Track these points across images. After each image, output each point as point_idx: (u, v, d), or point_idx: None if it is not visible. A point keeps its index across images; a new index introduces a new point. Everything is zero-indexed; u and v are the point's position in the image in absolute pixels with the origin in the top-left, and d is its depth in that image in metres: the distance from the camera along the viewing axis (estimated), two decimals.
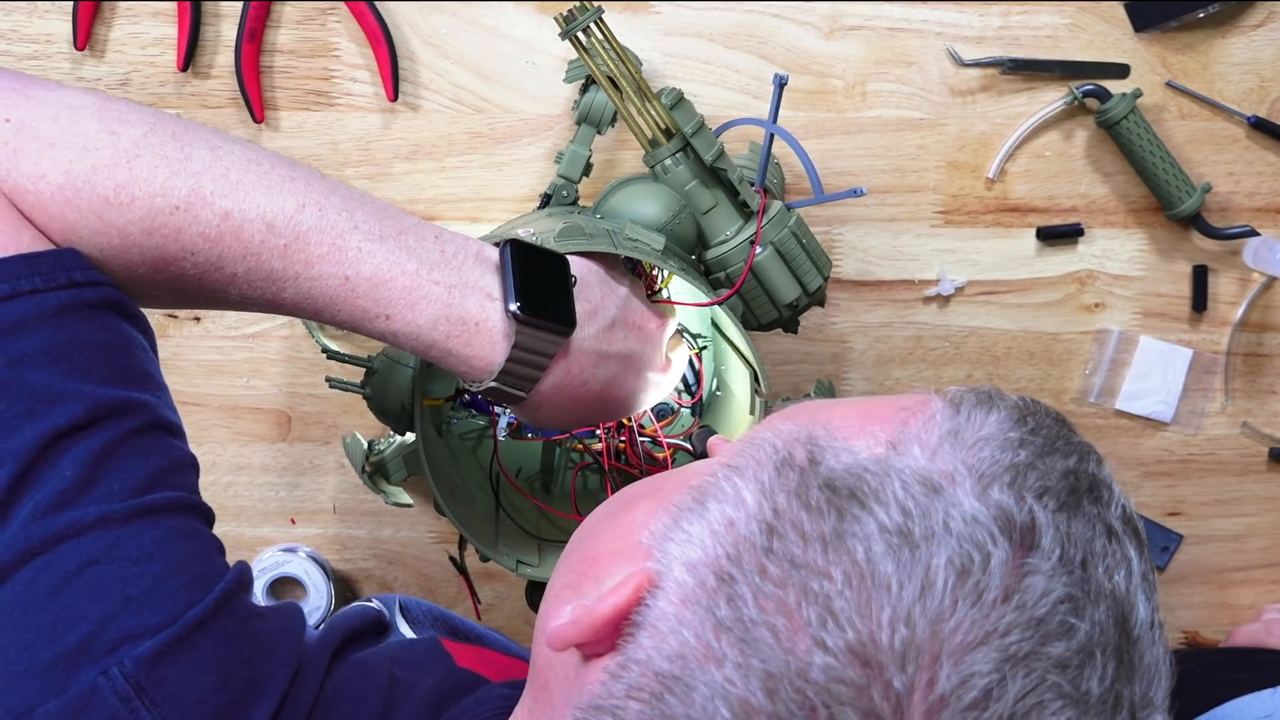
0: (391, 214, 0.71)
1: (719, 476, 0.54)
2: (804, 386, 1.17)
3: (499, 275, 0.73)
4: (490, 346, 0.73)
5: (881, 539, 0.48)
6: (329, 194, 0.69)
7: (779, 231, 0.92)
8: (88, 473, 0.58)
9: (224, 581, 0.60)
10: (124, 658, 0.56)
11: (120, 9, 1.07)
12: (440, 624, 0.92)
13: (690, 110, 0.93)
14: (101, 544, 0.57)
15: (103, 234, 0.63)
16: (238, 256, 0.66)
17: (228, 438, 1.16)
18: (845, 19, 1.12)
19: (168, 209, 0.64)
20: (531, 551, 0.96)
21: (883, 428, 0.54)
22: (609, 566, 0.56)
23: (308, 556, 1.16)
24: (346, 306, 0.70)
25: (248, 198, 0.66)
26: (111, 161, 0.63)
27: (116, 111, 0.65)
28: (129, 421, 0.61)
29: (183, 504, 0.62)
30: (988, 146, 1.15)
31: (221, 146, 0.67)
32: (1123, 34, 1.14)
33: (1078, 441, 0.55)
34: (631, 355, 0.83)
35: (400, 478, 0.97)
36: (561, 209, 1.01)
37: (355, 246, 0.69)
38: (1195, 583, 1.25)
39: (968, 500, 0.49)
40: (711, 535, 0.52)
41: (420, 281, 0.70)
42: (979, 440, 0.52)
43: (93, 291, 0.62)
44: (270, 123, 1.10)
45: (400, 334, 0.72)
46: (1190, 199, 1.13)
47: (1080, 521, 0.51)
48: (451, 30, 1.09)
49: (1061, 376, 1.20)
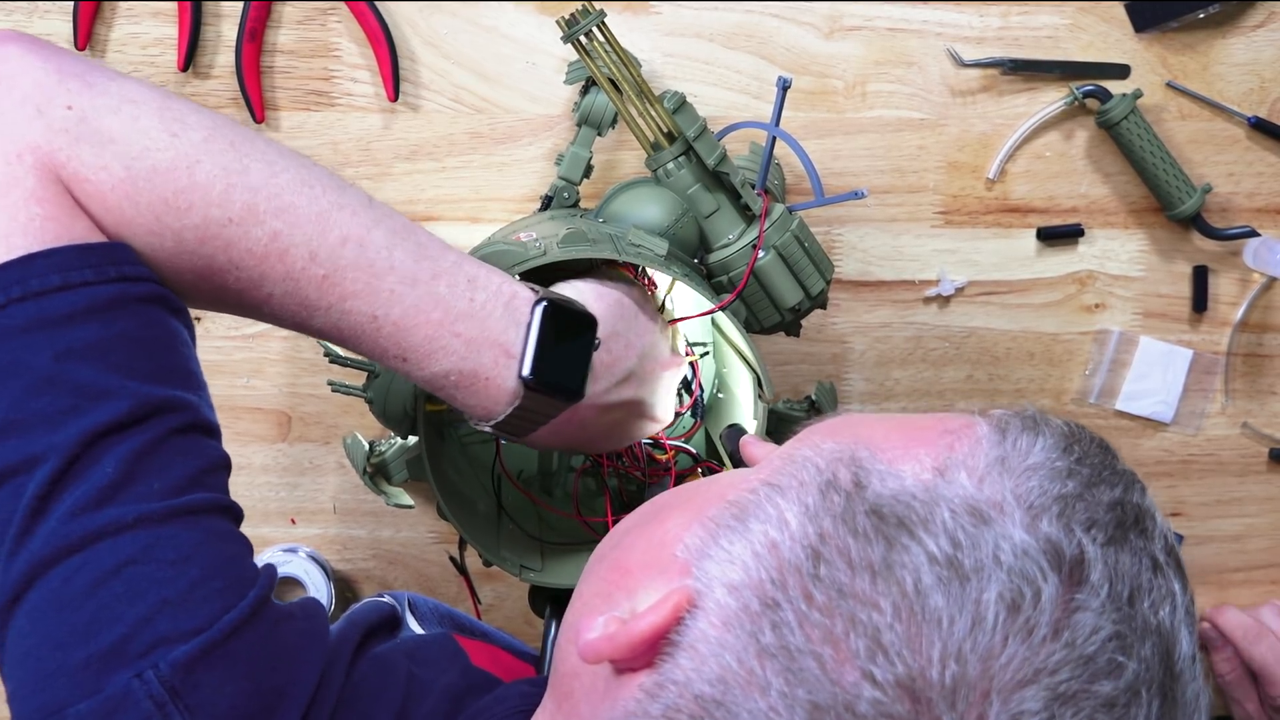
0: (430, 253, 0.71)
1: (760, 494, 0.54)
2: (804, 387, 1.17)
3: (522, 331, 0.72)
4: (495, 401, 0.73)
5: (931, 570, 0.47)
6: (374, 226, 0.68)
7: (781, 235, 0.92)
8: (128, 470, 0.58)
9: (257, 586, 0.60)
10: (159, 661, 0.56)
11: (120, 9, 1.07)
12: (447, 621, 0.92)
13: (693, 114, 0.92)
14: (139, 544, 0.57)
15: (158, 235, 0.63)
16: (278, 278, 0.66)
17: (228, 438, 1.13)
18: (845, 19, 1.12)
19: (222, 220, 0.64)
20: (534, 556, 0.96)
21: (928, 451, 0.53)
22: (642, 578, 0.56)
23: (308, 557, 1.16)
24: (369, 342, 0.70)
25: (297, 222, 0.66)
26: (172, 165, 0.63)
27: (177, 111, 0.64)
28: (171, 420, 0.60)
29: (218, 505, 0.62)
30: (988, 147, 1.15)
31: (277, 162, 0.66)
32: (1123, 34, 1.14)
33: (1123, 470, 0.54)
34: (637, 403, 0.83)
35: (401, 479, 0.97)
36: (563, 211, 1.01)
37: (388, 289, 0.68)
38: (1195, 583, 1.23)
39: (1017, 532, 0.49)
40: (754, 556, 0.51)
41: (442, 333, 0.70)
42: (1027, 469, 0.52)
43: (142, 287, 0.62)
44: (270, 123, 1.10)
45: (413, 375, 0.72)
46: (1190, 199, 1.13)
47: (1127, 554, 0.50)
48: (451, 30, 1.09)
49: (1061, 377, 1.20)
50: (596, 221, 0.95)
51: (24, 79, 0.62)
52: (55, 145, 0.61)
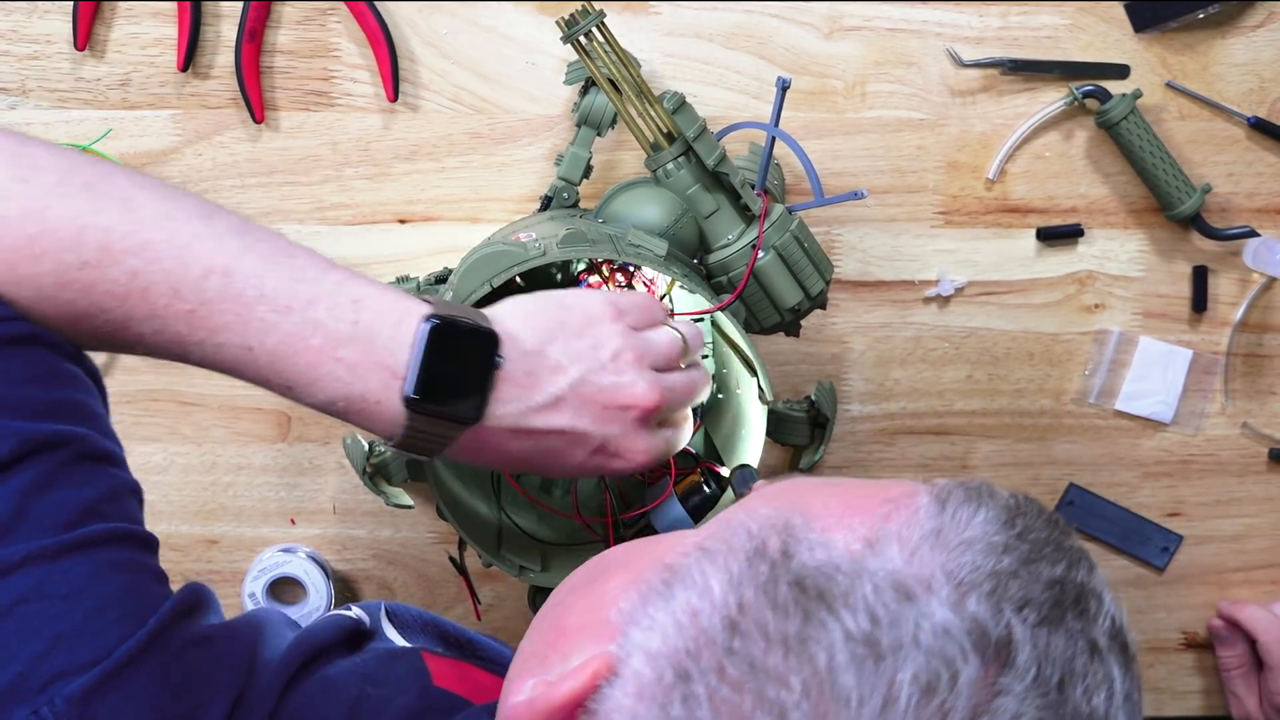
0: (308, 275, 0.68)
1: (691, 559, 0.53)
2: (804, 387, 1.17)
3: (410, 351, 0.69)
4: (387, 423, 0.71)
5: (846, 647, 0.46)
6: (243, 254, 0.66)
7: (781, 235, 0.92)
8: (17, 509, 0.57)
9: (158, 614, 0.58)
10: (55, 696, 0.55)
11: (120, 9, 1.07)
12: (430, 628, 0.91)
13: (692, 114, 0.92)
14: (30, 581, 0.56)
15: (16, 284, 0.62)
16: (144, 317, 0.65)
17: (228, 438, 1.16)
18: (845, 19, 1.12)
19: (77, 263, 0.62)
20: (534, 556, 0.96)
21: (863, 520, 0.52)
22: (576, 641, 0.55)
23: (307, 557, 1.16)
24: (249, 373, 0.68)
25: (156, 258, 0.64)
26: (22, 212, 0.62)
27: (30, 157, 0.63)
28: (59, 455, 0.59)
29: (118, 534, 0.60)
30: (987, 147, 1.15)
31: (136, 197, 0.65)
32: (1123, 34, 1.14)
33: (1069, 547, 0.52)
34: (577, 434, 0.76)
35: (401, 479, 0.97)
36: (563, 211, 1.01)
37: (260, 318, 0.66)
38: (1195, 583, 1.25)
39: (941, 610, 0.47)
40: (675, 625, 0.50)
41: (323, 359, 0.68)
42: (962, 543, 0.50)
43: (12, 326, 0.61)
44: (270, 123, 1.10)
45: (303, 402, 0.70)
46: (1190, 200, 1.13)
47: (1061, 637, 0.48)
48: (451, 30, 1.09)
49: (1061, 377, 1.20)
50: (596, 222, 0.95)
51: None
52: None
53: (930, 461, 1.21)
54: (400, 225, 1.12)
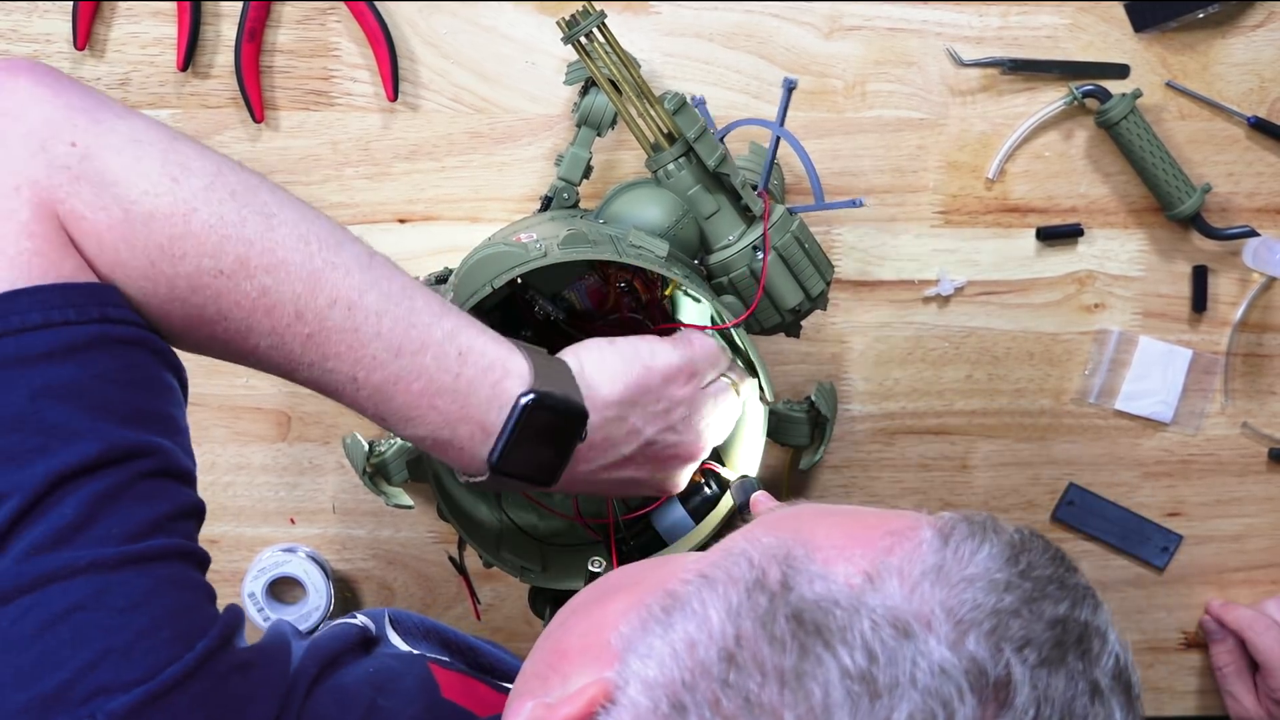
0: (422, 320, 0.70)
1: (692, 587, 0.53)
2: (804, 388, 1.17)
3: (504, 414, 0.72)
4: (468, 464, 0.74)
5: (842, 684, 0.46)
6: (367, 289, 0.68)
7: (782, 236, 0.92)
8: (89, 514, 0.57)
9: (207, 638, 0.59)
10: (97, 711, 0.55)
11: (120, 9, 1.07)
12: (432, 635, 0.91)
13: (693, 115, 0.92)
14: (90, 589, 0.57)
15: (150, 279, 0.63)
16: (264, 332, 0.67)
17: (227, 438, 1.16)
18: (845, 19, 1.12)
19: (214, 271, 0.64)
20: (534, 557, 0.96)
21: (864, 553, 0.51)
22: (576, 663, 0.55)
23: (307, 556, 1.16)
24: (349, 400, 0.71)
25: (287, 279, 0.66)
26: (170, 211, 0.62)
27: (182, 155, 0.64)
28: (140, 465, 0.60)
29: (178, 551, 0.61)
30: (987, 147, 1.15)
31: (276, 215, 0.66)
32: (1123, 34, 1.14)
33: (1074, 584, 0.51)
34: (634, 480, 0.83)
35: (401, 479, 0.97)
36: (563, 212, 1.01)
37: (371, 355, 0.69)
38: (1195, 583, 1.25)
39: (939, 649, 0.46)
40: (672, 655, 0.50)
41: (420, 403, 0.71)
42: (963, 579, 0.49)
43: (124, 329, 0.62)
44: (270, 123, 1.10)
45: (391, 431, 0.73)
46: (1190, 199, 1.13)
47: (1062, 678, 0.48)
48: (451, 30, 1.09)
49: (1061, 377, 1.20)
50: (597, 222, 0.95)
51: (32, 112, 0.62)
52: (55, 181, 0.61)
53: (930, 461, 1.21)
54: (400, 225, 1.12)
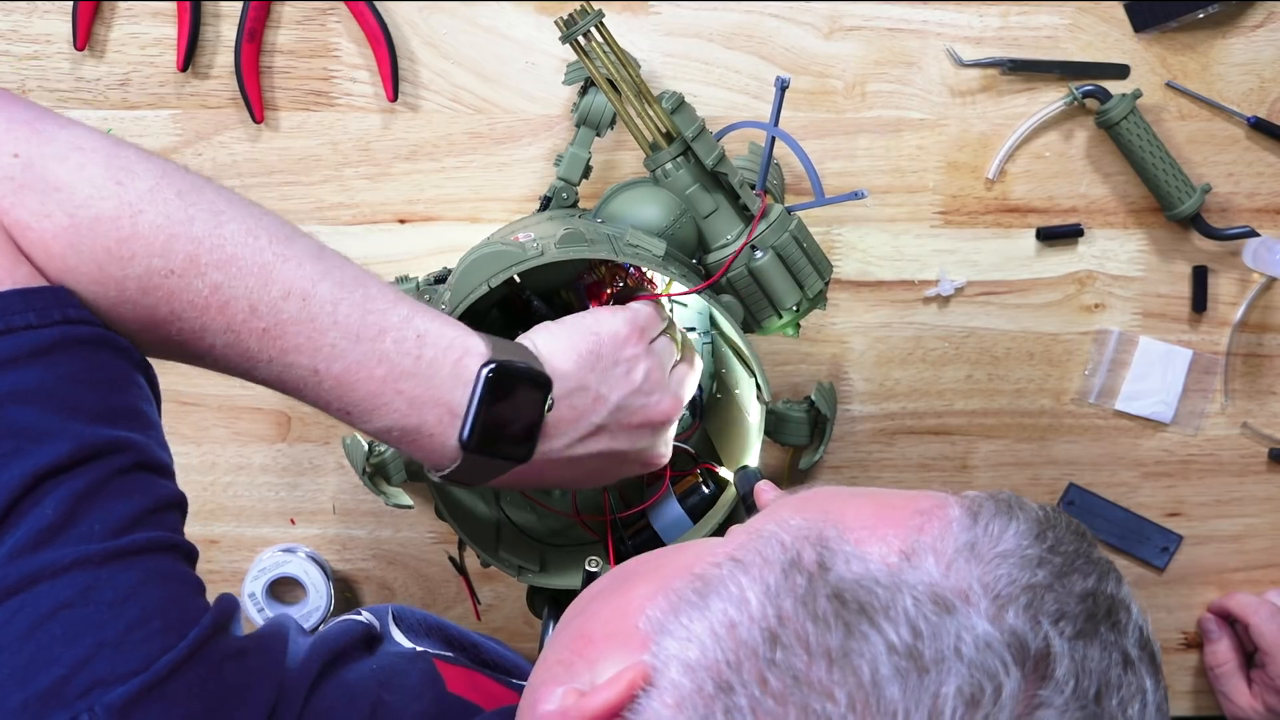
0: (378, 306, 0.70)
1: (723, 569, 0.53)
2: (804, 388, 1.17)
3: (469, 391, 0.72)
4: (440, 456, 0.74)
5: (889, 660, 0.46)
6: (320, 279, 0.68)
7: (779, 235, 0.92)
8: (69, 512, 0.58)
9: (199, 626, 0.59)
10: (94, 704, 0.55)
11: (120, 9, 1.07)
12: (435, 632, 0.92)
13: (691, 114, 0.92)
14: (77, 586, 0.57)
15: (100, 283, 0.63)
16: (219, 330, 0.67)
17: (227, 438, 1.16)
18: (845, 19, 1.12)
19: (164, 270, 0.64)
20: (533, 557, 0.96)
21: (896, 533, 0.52)
22: (604, 649, 0.55)
23: (307, 557, 1.16)
24: (311, 395, 0.70)
25: (239, 274, 0.66)
26: (116, 214, 0.63)
27: (125, 159, 0.64)
28: (115, 461, 0.60)
29: (164, 544, 0.61)
30: (987, 147, 1.15)
31: (224, 212, 0.66)
32: (1122, 34, 1.14)
33: (1098, 559, 0.53)
34: (615, 453, 0.82)
35: (400, 479, 0.97)
36: (562, 211, 1.01)
37: (330, 344, 0.68)
38: (1195, 583, 1.25)
39: (981, 623, 0.47)
40: (712, 636, 0.50)
41: (384, 389, 0.70)
42: (996, 556, 0.50)
43: (85, 329, 0.62)
44: (270, 123, 1.10)
45: (357, 427, 0.73)
46: (1190, 199, 1.13)
47: (1096, 649, 0.49)
48: (451, 30, 1.09)
49: (1061, 377, 1.20)
50: (595, 222, 0.95)
51: None
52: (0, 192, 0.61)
53: (930, 461, 1.21)
54: (400, 225, 1.12)
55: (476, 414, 0.72)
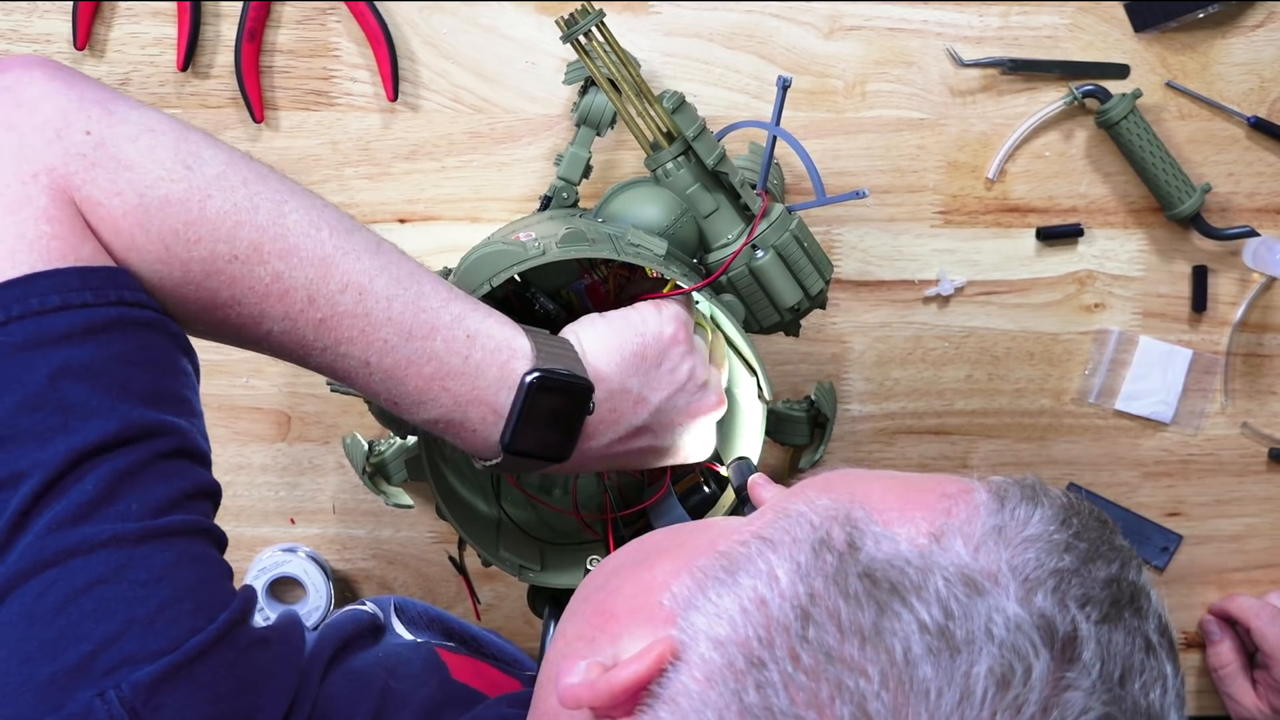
0: (430, 304, 0.72)
1: (751, 548, 0.53)
2: (804, 387, 1.17)
3: (513, 394, 0.74)
4: (481, 448, 0.75)
5: (921, 639, 0.47)
6: (377, 274, 0.70)
7: (780, 235, 0.92)
8: (109, 490, 0.58)
9: (229, 610, 0.60)
10: (122, 681, 0.55)
11: (120, 9, 1.07)
12: (436, 624, 0.92)
13: (692, 114, 0.92)
14: (112, 563, 0.57)
15: (165, 263, 0.64)
16: (277, 317, 0.68)
17: (227, 438, 1.16)
18: (845, 19, 1.12)
19: (228, 256, 0.65)
20: (534, 556, 0.96)
21: (924, 515, 0.53)
22: (627, 624, 0.55)
23: (307, 556, 1.16)
24: (361, 384, 0.72)
25: (299, 265, 0.67)
26: (185, 197, 0.64)
27: (194, 144, 0.65)
28: (159, 444, 0.61)
29: (197, 528, 0.61)
30: (987, 147, 1.15)
31: (288, 202, 0.67)
32: (1123, 34, 1.14)
33: (1120, 546, 0.53)
34: (653, 449, 0.84)
35: (401, 479, 0.97)
36: (562, 211, 1.01)
37: (383, 339, 0.70)
38: (1195, 583, 1.25)
39: (1011, 605, 0.48)
40: (742, 612, 0.50)
41: (432, 386, 0.72)
42: (1024, 540, 0.51)
43: (141, 312, 0.63)
44: (270, 123, 1.10)
45: (404, 416, 0.74)
46: (1190, 199, 1.13)
47: (1121, 633, 0.50)
48: (451, 30, 1.09)
49: (1061, 377, 1.20)
50: (596, 221, 0.95)
51: (46, 104, 0.63)
52: (72, 168, 0.62)
53: (930, 461, 1.21)
54: (400, 225, 1.12)
55: (519, 418, 0.73)
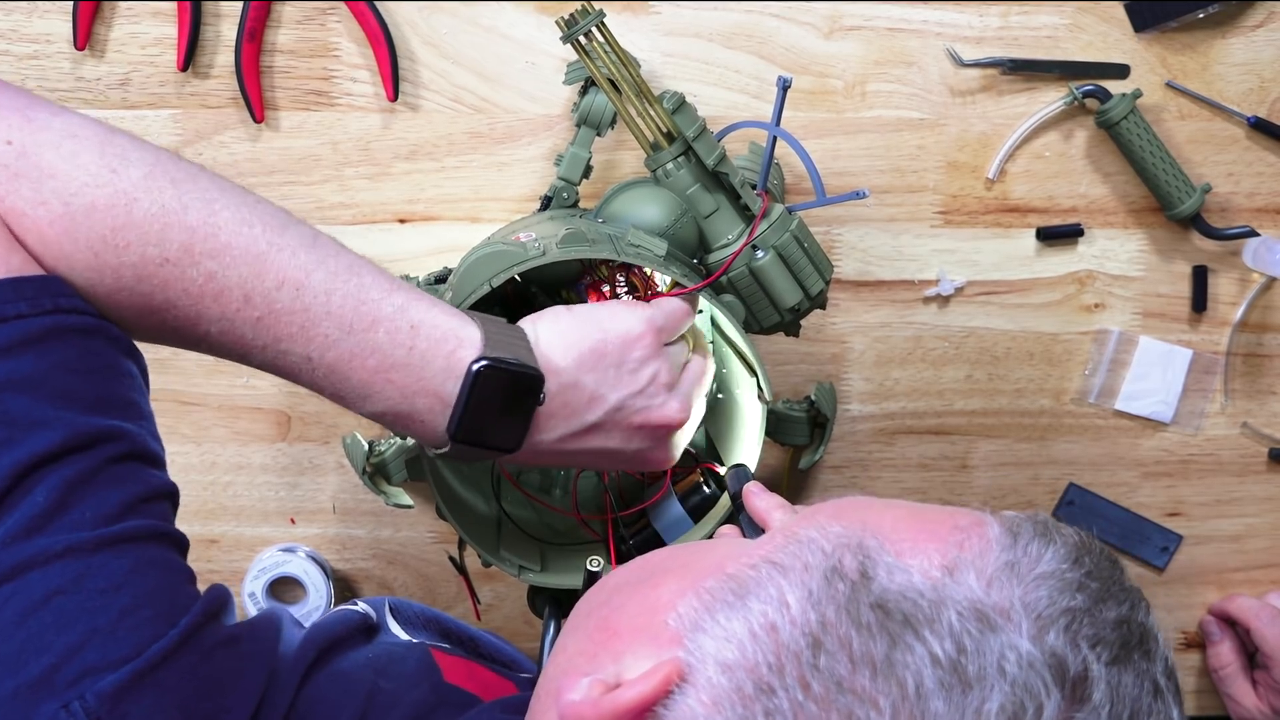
0: (371, 296, 0.71)
1: (761, 572, 0.53)
2: (804, 388, 1.17)
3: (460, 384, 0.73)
4: (430, 437, 0.75)
5: (934, 672, 0.46)
6: (314, 269, 0.69)
7: (780, 235, 0.92)
8: (60, 499, 0.58)
9: (190, 614, 0.59)
10: (86, 691, 0.55)
11: (120, 9, 1.07)
12: (432, 625, 0.92)
13: (692, 114, 0.92)
14: (69, 573, 0.57)
15: (96, 270, 0.63)
16: (213, 318, 0.67)
17: (227, 437, 1.16)
18: (845, 19, 1.12)
19: (158, 259, 0.64)
20: (533, 556, 0.96)
21: (937, 547, 0.52)
22: (630, 643, 0.55)
23: (307, 556, 1.16)
24: (305, 380, 0.71)
25: (232, 263, 0.66)
26: (111, 202, 0.63)
27: (119, 147, 0.65)
28: (107, 450, 0.60)
29: (154, 533, 0.61)
30: (987, 147, 1.15)
31: (218, 200, 0.67)
32: (1123, 34, 1.14)
33: (1130, 587, 0.53)
34: (610, 451, 0.82)
35: (400, 479, 0.97)
36: (562, 211, 1.01)
37: (323, 334, 0.69)
38: (1195, 583, 1.25)
39: (1024, 642, 0.48)
40: (751, 637, 0.50)
41: (376, 379, 0.71)
42: (1037, 577, 0.51)
43: (78, 318, 0.62)
44: (270, 123, 1.10)
45: (350, 409, 0.73)
46: (1190, 199, 1.13)
47: (1130, 675, 0.49)
48: (451, 30, 1.09)
49: (1061, 377, 1.20)
50: (596, 222, 0.95)
51: None
52: None
53: (930, 461, 1.21)
54: (400, 225, 1.12)
55: (465, 407, 0.72)
